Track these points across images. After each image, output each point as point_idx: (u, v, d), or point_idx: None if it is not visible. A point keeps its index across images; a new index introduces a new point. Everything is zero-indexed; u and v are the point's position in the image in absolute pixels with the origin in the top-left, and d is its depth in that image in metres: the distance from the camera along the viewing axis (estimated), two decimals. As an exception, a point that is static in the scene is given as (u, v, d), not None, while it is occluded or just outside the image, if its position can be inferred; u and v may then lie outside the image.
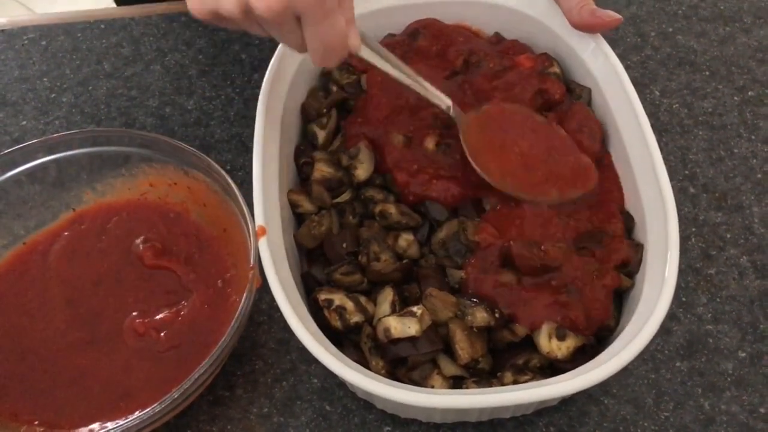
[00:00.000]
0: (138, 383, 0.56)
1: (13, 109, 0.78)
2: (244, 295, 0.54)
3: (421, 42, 0.68)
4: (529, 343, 0.54)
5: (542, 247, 0.55)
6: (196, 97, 0.78)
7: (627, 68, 0.79)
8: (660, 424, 0.58)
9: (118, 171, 0.64)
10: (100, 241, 0.63)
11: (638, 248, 0.56)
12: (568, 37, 0.67)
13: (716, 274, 0.65)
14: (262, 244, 0.53)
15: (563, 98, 0.65)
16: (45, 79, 0.80)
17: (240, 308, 0.53)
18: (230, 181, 0.58)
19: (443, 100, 0.60)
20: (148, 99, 0.78)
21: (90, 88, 0.79)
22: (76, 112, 0.77)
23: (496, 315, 0.53)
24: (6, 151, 0.62)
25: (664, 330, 0.62)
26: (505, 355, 0.54)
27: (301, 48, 0.51)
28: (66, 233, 0.63)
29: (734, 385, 0.60)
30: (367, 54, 0.55)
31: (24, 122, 0.77)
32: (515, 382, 0.52)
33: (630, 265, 0.56)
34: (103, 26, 0.85)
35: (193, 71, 0.80)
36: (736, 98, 0.78)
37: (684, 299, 0.64)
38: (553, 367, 0.54)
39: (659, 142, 0.74)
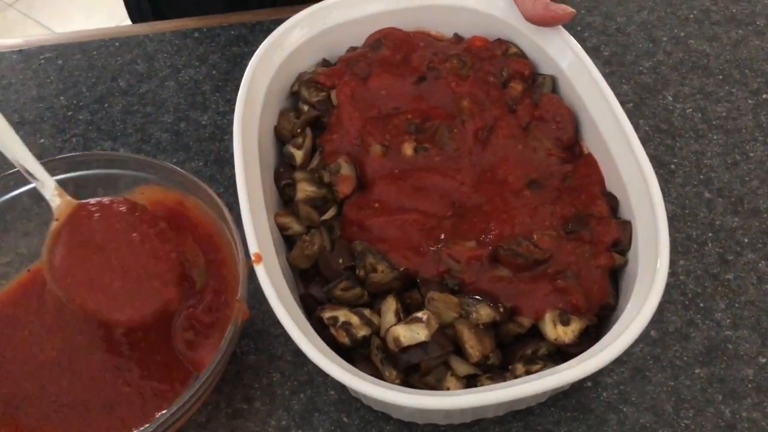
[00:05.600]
0: (130, 408, 0.56)
1: (31, 128, 0.79)
2: (228, 329, 0.53)
3: (384, 52, 0.68)
4: (536, 333, 0.54)
5: (534, 237, 0.56)
6: (211, 112, 0.79)
7: (639, 74, 0.80)
8: None
9: (120, 194, 0.63)
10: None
11: (626, 225, 0.57)
12: (531, 34, 0.68)
13: (734, 279, 0.65)
14: (260, 270, 0.52)
15: (532, 72, 0.67)
16: (62, 98, 0.81)
17: (222, 343, 0.52)
18: (225, 211, 0.58)
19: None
20: (163, 115, 0.79)
21: (106, 105, 0.80)
22: (93, 129, 0.78)
23: (500, 309, 0.53)
24: (11, 171, 0.62)
25: (683, 336, 0.62)
26: (514, 348, 0.54)
27: None
28: None
29: (755, 391, 0.59)
30: None
31: (42, 140, 0.78)
32: (527, 372, 0.52)
33: (621, 243, 0.57)
34: (117, 44, 0.86)
35: (207, 87, 0.81)
36: (750, 101, 0.78)
37: (702, 305, 0.64)
38: (561, 353, 0.54)
39: (673, 147, 0.74)
